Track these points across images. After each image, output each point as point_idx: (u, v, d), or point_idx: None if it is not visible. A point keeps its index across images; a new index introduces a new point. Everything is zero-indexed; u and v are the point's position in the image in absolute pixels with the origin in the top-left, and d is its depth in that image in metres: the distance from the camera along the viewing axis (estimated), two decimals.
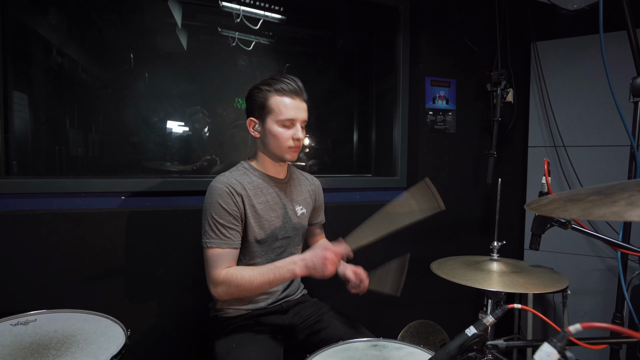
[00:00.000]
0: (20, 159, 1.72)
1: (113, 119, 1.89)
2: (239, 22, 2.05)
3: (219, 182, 1.18)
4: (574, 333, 0.50)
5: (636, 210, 0.46)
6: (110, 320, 1.25)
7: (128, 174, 1.84)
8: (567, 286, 1.90)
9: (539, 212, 0.59)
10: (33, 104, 1.79)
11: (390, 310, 1.99)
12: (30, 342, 1.09)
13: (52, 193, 1.60)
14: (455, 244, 2.14)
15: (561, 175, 2.14)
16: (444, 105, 2.10)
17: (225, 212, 1.14)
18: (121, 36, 1.94)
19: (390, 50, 2.20)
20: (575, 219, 0.96)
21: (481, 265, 1.11)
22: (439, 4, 2.08)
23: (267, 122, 1.18)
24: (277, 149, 1.20)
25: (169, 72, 2.00)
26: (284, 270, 1.09)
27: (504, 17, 2.17)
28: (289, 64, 2.29)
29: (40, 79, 1.84)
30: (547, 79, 2.15)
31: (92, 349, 1.08)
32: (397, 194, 2.18)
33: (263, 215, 1.21)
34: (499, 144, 2.17)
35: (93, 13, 1.91)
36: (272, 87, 1.16)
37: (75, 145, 1.87)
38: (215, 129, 2.07)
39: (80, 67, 1.90)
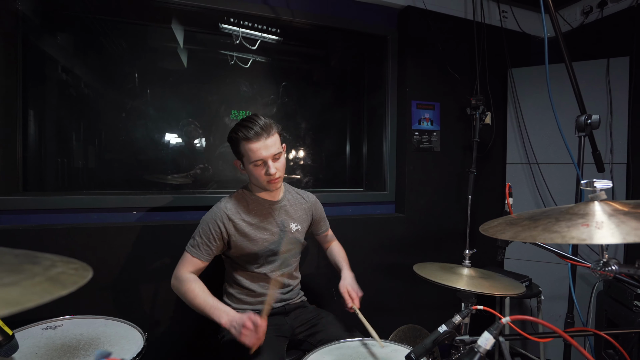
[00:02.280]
0: (30, 173, 1.87)
1: (119, 136, 2.06)
2: (238, 43, 2.23)
3: (218, 208, 1.40)
4: (504, 323, 0.68)
5: (546, 234, 0.65)
6: (128, 325, 1.40)
7: (134, 187, 2.00)
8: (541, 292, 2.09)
9: (487, 233, 0.78)
10: (40, 120, 1.95)
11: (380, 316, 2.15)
12: (61, 344, 1.24)
13: (70, 209, 1.75)
14: (439, 252, 2.32)
15: (535, 190, 2.36)
16: (429, 126, 2.31)
17: (209, 234, 1.36)
18: (126, 57, 2.11)
19: (381, 70, 2.41)
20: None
21: (454, 270, 1.30)
22: (424, 34, 2.29)
23: (245, 163, 1.38)
24: (259, 184, 1.40)
25: (170, 89, 2.17)
26: (215, 313, 1.25)
27: (483, 45, 2.40)
28: (285, 82, 2.48)
29: (49, 97, 1.99)
30: (521, 103, 2.38)
31: (116, 350, 1.23)
32: (386, 207, 2.37)
33: (252, 234, 1.39)
34: (480, 161, 2.38)
35: (102, 37, 2.09)
36: (238, 134, 1.32)
37: (81, 159, 2.03)
38: (214, 140, 2.24)
39: (88, 85, 2.06)
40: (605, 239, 0.61)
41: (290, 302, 1.51)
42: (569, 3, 2.59)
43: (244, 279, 1.45)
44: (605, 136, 2.25)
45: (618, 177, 2.23)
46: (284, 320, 1.45)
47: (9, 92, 1.81)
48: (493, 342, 0.68)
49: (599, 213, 0.70)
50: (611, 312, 1.84)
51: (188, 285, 1.31)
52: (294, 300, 1.54)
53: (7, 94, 1.79)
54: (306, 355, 1.19)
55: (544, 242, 0.65)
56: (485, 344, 0.68)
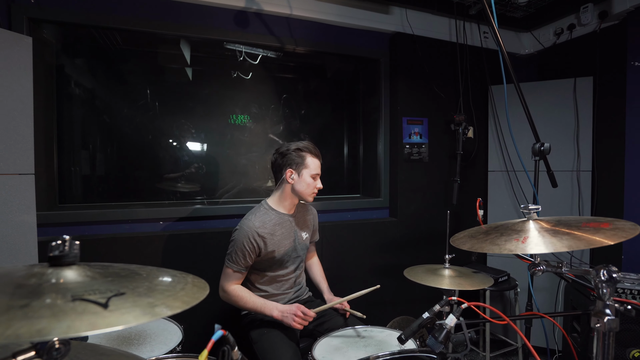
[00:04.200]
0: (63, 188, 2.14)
1: (133, 148, 2.31)
2: (242, 59, 2.47)
3: (248, 227, 1.64)
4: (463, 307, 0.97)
5: (491, 246, 0.94)
6: (166, 320, 1.68)
7: (149, 196, 2.28)
8: (517, 285, 2.39)
9: (455, 244, 1.07)
10: (69, 139, 2.20)
11: (378, 309, 2.46)
12: (117, 335, 1.51)
13: (104, 221, 2.02)
14: (428, 252, 2.61)
15: (513, 196, 2.67)
16: (418, 140, 2.60)
17: (246, 250, 1.62)
18: (140, 77, 2.38)
19: (374, 89, 2.69)
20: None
21: (437, 272, 1.60)
22: (412, 57, 2.58)
23: (302, 173, 1.67)
24: (304, 194, 1.69)
25: (177, 100, 2.44)
26: (266, 309, 1.60)
27: (466, 65, 2.69)
28: (285, 94, 2.75)
29: (73, 115, 2.25)
30: (499, 117, 2.68)
31: (161, 339, 1.51)
32: (381, 212, 2.66)
33: (277, 245, 1.68)
34: (465, 169, 2.68)
35: (119, 61, 2.34)
36: (308, 149, 1.68)
37: (100, 171, 2.30)
38: (216, 144, 2.51)
39: (106, 103, 2.32)
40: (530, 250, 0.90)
41: (300, 298, 1.80)
42: (543, 24, 2.89)
43: (261, 284, 1.73)
44: (573, 147, 2.56)
45: (584, 183, 2.54)
46: None
47: (48, 116, 2.07)
48: (456, 321, 0.97)
49: (532, 229, 0.99)
50: (575, 300, 2.15)
51: (237, 294, 1.62)
52: (303, 296, 1.83)
53: (46, 119, 2.05)
54: (317, 340, 1.48)
55: (490, 252, 0.94)
56: (451, 322, 0.97)
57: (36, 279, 0.55)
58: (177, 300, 0.56)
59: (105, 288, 0.55)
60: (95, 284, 0.57)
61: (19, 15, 1.88)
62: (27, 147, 1.75)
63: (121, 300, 0.51)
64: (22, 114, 1.73)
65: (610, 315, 0.89)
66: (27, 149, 1.75)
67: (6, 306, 0.48)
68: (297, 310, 1.56)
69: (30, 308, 0.48)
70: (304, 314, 1.56)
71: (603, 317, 0.89)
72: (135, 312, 0.49)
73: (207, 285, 0.68)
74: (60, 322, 0.45)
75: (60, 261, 0.57)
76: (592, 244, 0.83)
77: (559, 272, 1.01)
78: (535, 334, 2.59)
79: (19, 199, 1.73)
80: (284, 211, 1.75)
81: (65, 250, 0.58)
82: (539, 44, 2.89)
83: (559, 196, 2.59)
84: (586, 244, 0.84)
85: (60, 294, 0.52)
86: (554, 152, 2.57)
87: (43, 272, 0.57)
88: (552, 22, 2.84)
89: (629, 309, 0.88)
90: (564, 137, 2.59)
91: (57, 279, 0.56)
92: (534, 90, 2.68)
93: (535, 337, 2.58)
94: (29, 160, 1.77)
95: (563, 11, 2.71)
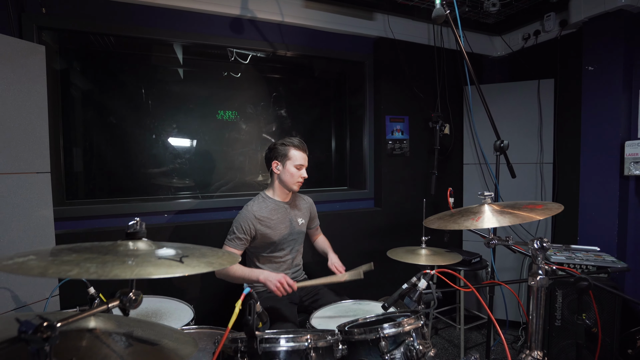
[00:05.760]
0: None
1: (129, 145, 2.47)
2: (232, 59, 2.64)
3: (247, 211, 1.91)
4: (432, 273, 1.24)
5: (453, 224, 1.21)
6: (176, 301, 1.89)
7: (144, 192, 2.43)
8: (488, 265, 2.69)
9: (426, 224, 1.33)
10: (71, 139, 2.34)
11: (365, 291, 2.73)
12: (136, 313, 1.73)
13: (113, 215, 2.21)
14: (409, 237, 2.85)
15: (485, 186, 2.97)
16: (400, 136, 2.87)
17: (242, 231, 1.87)
18: (134, 73, 2.52)
19: (359, 90, 2.94)
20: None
21: (416, 252, 1.88)
22: (394, 60, 2.83)
23: (286, 164, 1.91)
24: (289, 183, 1.93)
25: (170, 99, 2.58)
26: (253, 274, 1.81)
27: (443, 67, 2.97)
28: (275, 93, 2.96)
29: (73, 114, 2.39)
30: (474, 115, 2.97)
31: (175, 316, 1.73)
32: (367, 203, 2.93)
33: (272, 228, 1.93)
34: (442, 162, 2.97)
35: (115, 66, 2.49)
36: (292, 144, 1.92)
37: (99, 168, 2.44)
38: (206, 140, 2.68)
39: (103, 103, 2.45)
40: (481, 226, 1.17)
41: (297, 279, 2.06)
42: (513, 29, 3.19)
43: (262, 264, 1.97)
44: (537, 141, 2.88)
45: (546, 173, 2.87)
46: (293, 292, 1.98)
47: (55, 118, 2.23)
48: (426, 284, 1.23)
49: (486, 211, 1.26)
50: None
51: (230, 268, 1.84)
52: (300, 277, 2.09)
53: (54, 121, 2.21)
54: (313, 312, 1.73)
55: (452, 228, 1.20)
56: (422, 285, 1.24)
57: (122, 247, 0.78)
58: (223, 260, 0.79)
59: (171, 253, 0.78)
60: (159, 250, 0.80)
61: (29, 23, 2.03)
62: (43, 147, 1.92)
63: (188, 260, 0.75)
64: (39, 117, 1.90)
65: (541, 275, 1.17)
66: (43, 150, 1.92)
67: (106, 260, 0.71)
68: (281, 278, 1.74)
69: (124, 262, 0.71)
70: (288, 284, 1.73)
71: (536, 276, 1.18)
72: (201, 266, 0.72)
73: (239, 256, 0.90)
74: (147, 269, 0.69)
75: (135, 236, 0.80)
76: (525, 219, 1.11)
77: (507, 245, 1.29)
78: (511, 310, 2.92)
79: (37, 195, 1.91)
80: (280, 199, 1.99)
81: (137, 228, 0.80)
82: (509, 47, 3.19)
83: (525, 185, 2.92)
84: (521, 220, 1.12)
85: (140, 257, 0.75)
86: (521, 146, 2.91)
87: (124, 243, 0.80)
88: (520, 27, 3.13)
89: (554, 269, 1.17)
90: (530, 133, 2.91)
91: (135, 247, 0.79)
92: (504, 90, 2.99)
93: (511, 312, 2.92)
94: (45, 159, 1.94)
95: (529, 18, 3.00)
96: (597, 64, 2.58)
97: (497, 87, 3.05)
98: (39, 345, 0.65)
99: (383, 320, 1.31)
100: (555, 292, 2.23)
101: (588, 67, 2.62)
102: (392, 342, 1.11)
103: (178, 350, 0.97)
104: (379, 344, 1.09)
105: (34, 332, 0.65)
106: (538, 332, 1.22)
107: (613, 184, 2.51)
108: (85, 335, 0.91)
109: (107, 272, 0.62)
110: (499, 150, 1.80)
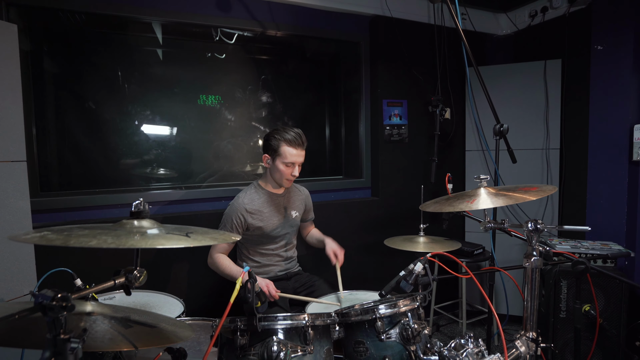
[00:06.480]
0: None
1: (107, 136, 2.54)
2: (217, 39, 2.73)
3: (237, 204, 2.03)
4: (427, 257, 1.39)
5: (448, 207, 1.36)
6: (165, 295, 2.03)
7: (125, 183, 2.53)
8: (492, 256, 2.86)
9: (422, 209, 1.49)
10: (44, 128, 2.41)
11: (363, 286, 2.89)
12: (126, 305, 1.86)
13: (95, 206, 2.33)
14: (408, 228, 2.99)
15: (489, 173, 3.15)
16: (398, 121, 3.02)
17: (233, 224, 2.00)
18: (109, 55, 2.57)
19: (355, 72, 3.07)
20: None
21: (413, 240, 2.04)
22: (391, 40, 2.97)
23: (276, 160, 2.01)
24: (279, 180, 2.06)
25: (148, 83, 2.65)
26: (239, 274, 1.91)
27: (443, 48, 3.11)
28: (264, 76, 3.08)
29: (44, 99, 2.45)
30: (476, 99, 3.13)
31: (165, 309, 1.86)
32: (363, 192, 3.08)
33: (265, 220, 2.06)
34: (443, 149, 3.13)
35: (88, 47, 2.55)
36: (284, 137, 1.97)
37: (75, 157, 2.50)
38: (190, 128, 2.78)
39: (75, 87, 2.51)
40: (475, 208, 1.33)
41: (291, 271, 2.22)
42: (519, 5, 3.34)
43: (254, 256, 2.12)
44: (543, 127, 3.05)
45: (553, 160, 3.05)
46: (286, 284, 2.16)
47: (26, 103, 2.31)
48: (422, 267, 1.39)
49: (482, 194, 1.42)
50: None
51: (219, 261, 2.00)
52: (293, 269, 2.25)
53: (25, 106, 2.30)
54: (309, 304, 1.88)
55: (447, 211, 1.35)
56: (418, 268, 1.39)
57: (129, 225, 0.91)
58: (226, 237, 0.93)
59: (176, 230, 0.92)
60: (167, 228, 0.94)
61: None
62: (18, 134, 2.01)
63: (194, 235, 0.89)
64: (13, 102, 1.99)
65: (535, 256, 1.34)
66: (18, 136, 2.01)
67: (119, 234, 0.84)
68: (265, 286, 1.88)
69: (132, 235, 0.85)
70: (270, 292, 1.87)
71: (531, 257, 1.34)
72: (206, 240, 0.86)
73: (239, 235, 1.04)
74: (159, 240, 0.83)
75: (140, 215, 0.94)
76: (518, 200, 1.27)
77: (502, 228, 1.45)
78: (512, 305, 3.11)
79: (13, 186, 2.01)
80: (273, 190, 2.13)
81: (142, 207, 0.94)
82: (514, 25, 3.34)
83: (530, 173, 3.10)
84: (514, 200, 1.28)
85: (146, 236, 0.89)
86: (526, 131, 3.08)
87: (130, 222, 0.93)
88: (527, 3, 3.28)
89: (547, 249, 1.33)
90: (535, 117, 3.08)
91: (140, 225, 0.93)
92: (509, 72, 3.15)
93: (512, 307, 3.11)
94: (21, 147, 2.03)
95: None
96: (606, 43, 2.73)
97: (501, 68, 3.21)
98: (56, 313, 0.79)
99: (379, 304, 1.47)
100: (560, 283, 2.42)
101: (597, 47, 2.78)
102: (388, 323, 1.27)
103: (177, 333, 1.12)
104: (375, 324, 1.24)
105: (51, 301, 0.78)
106: (533, 313, 1.39)
107: (622, 169, 2.68)
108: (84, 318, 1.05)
109: (124, 242, 0.75)
110: (498, 135, 1.96)
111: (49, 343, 0.80)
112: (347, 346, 1.31)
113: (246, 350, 1.12)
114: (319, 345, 1.18)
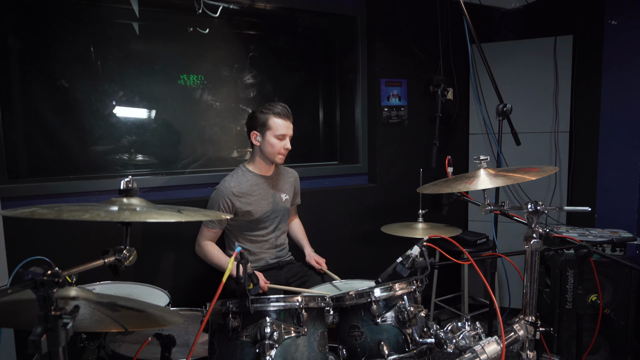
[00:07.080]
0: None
1: (79, 118, 2.55)
2: (200, 12, 2.71)
3: (224, 187, 2.11)
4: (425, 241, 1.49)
5: (446, 188, 1.46)
6: (148, 286, 2.11)
7: (101, 169, 2.57)
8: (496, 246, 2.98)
9: (420, 191, 1.58)
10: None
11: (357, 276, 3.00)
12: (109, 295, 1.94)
13: (69, 193, 2.38)
14: (407, 215, 3.10)
15: (493, 157, 3.25)
16: (397, 102, 3.10)
17: (220, 209, 2.08)
18: (80, 28, 2.56)
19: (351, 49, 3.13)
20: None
21: (412, 226, 2.15)
22: (390, 15, 3.03)
23: (266, 135, 2.09)
24: (271, 155, 2.13)
25: (124, 60, 2.64)
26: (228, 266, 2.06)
27: (446, 24, 3.18)
28: (252, 53, 3.13)
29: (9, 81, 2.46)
30: (481, 78, 3.21)
31: (150, 301, 1.95)
32: (359, 178, 3.17)
33: (253, 204, 2.14)
34: (445, 132, 3.22)
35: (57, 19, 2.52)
36: (271, 111, 2.08)
37: (44, 141, 2.51)
38: (171, 109, 2.81)
39: (41, 64, 2.50)
40: (473, 188, 1.42)
41: (282, 259, 2.32)
42: None
43: (243, 243, 2.20)
44: (551, 108, 3.15)
45: (562, 143, 3.16)
46: (279, 273, 2.25)
47: None
48: (419, 250, 1.49)
49: (482, 175, 1.51)
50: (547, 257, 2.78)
51: (208, 249, 2.10)
52: (285, 257, 2.34)
53: None
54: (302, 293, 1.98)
55: (444, 192, 1.45)
56: (415, 252, 1.49)
57: (119, 203, 0.99)
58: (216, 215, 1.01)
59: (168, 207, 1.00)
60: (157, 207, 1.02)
61: None
62: None
63: (185, 211, 0.97)
64: None
65: (535, 238, 1.44)
66: None
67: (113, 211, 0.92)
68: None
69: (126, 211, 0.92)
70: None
71: (531, 239, 1.44)
72: (199, 215, 0.94)
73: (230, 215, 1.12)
74: (152, 214, 0.90)
75: (129, 193, 1.01)
76: (517, 180, 1.36)
77: (502, 210, 1.55)
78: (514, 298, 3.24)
79: None
80: (261, 173, 2.21)
81: (131, 185, 1.01)
82: None
83: (538, 156, 3.20)
84: (513, 180, 1.37)
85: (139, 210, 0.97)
86: (534, 112, 3.18)
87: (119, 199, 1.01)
88: None
89: (547, 231, 1.43)
90: (544, 98, 3.17)
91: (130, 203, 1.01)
92: (517, 49, 3.23)
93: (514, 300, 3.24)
94: None
95: None
96: (621, 17, 2.82)
97: (508, 45, 3.29)
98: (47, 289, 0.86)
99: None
100: (567, 272, 2.54)
101: (611, 21, 2.87)
102: (384, 306, 1.36)
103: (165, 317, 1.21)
104: (370, 308, 1.33)
105: (42, 277, 0.86)
106: (532, 297, 1.49)
107: (635, 154, 2.79)
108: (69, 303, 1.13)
109: (118, 216, 0.83)
110: (501, 115, 2.05)
111: (41, 319, 0.88)
112: (342, 331, 1.40)
113: (238, 332, 1.20)
114: (312, 327, 1.27)
